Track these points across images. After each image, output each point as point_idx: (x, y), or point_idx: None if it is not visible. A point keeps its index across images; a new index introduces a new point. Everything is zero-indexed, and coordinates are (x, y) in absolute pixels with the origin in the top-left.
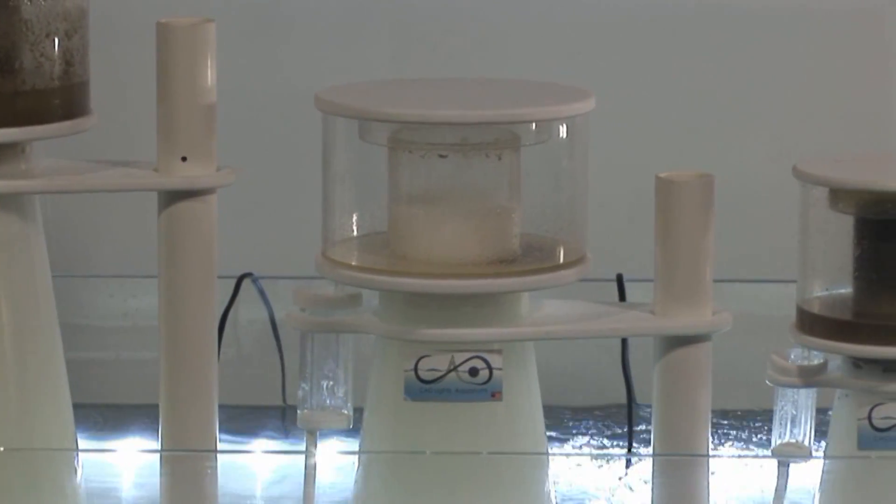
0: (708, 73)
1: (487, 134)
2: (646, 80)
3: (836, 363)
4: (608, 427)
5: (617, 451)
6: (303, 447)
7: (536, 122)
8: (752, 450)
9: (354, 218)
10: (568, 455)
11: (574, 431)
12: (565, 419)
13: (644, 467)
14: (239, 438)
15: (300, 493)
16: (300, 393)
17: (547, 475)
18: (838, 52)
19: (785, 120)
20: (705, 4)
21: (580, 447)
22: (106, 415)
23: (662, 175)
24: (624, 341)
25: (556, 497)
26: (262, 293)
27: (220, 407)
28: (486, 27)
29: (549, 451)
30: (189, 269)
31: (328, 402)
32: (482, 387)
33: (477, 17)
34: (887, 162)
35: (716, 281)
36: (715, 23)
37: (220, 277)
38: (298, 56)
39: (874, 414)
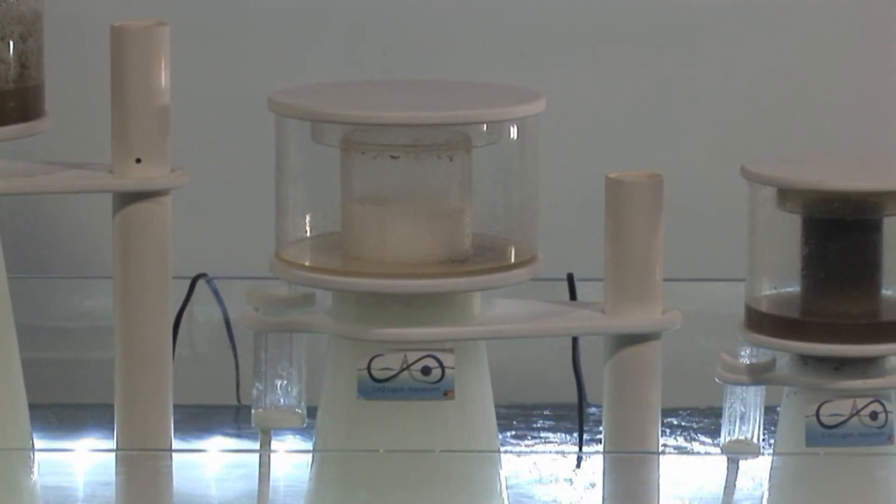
0: (656, 74)
1: (439, 135)
2: (595, 81)
3: (784, 361)
4: (559, 426)
5: (568, 449)
6: (257, 446)
7: (487, 123)
8: (702, 447)
9: (307, 218)
10: (520, 454)
11: (526, 430)
12: (517, 418)
13: (595, 465)
14: (194, 438)
15: (255, 491)
16: (254, 392)
17: (499, 473)
18: (784, 52)
19: (733, 120)
20: (651, 5)
21: (532, 446)
22: (61, 415)
23: (612, 175)
24: (575, 340)
25: (507, 495)
26: (216, 293)
27: (175, 406)
28: (438, 29)
29: (501, 449)
30: (144, 270)
31: (282, 401)
32: (435, 385)
33: (429, 20)
34: (834, 162)
35: (665, 280)
36: (661, 24)
37: (174, 278)
38: (252, 58)
39: (822, 411)
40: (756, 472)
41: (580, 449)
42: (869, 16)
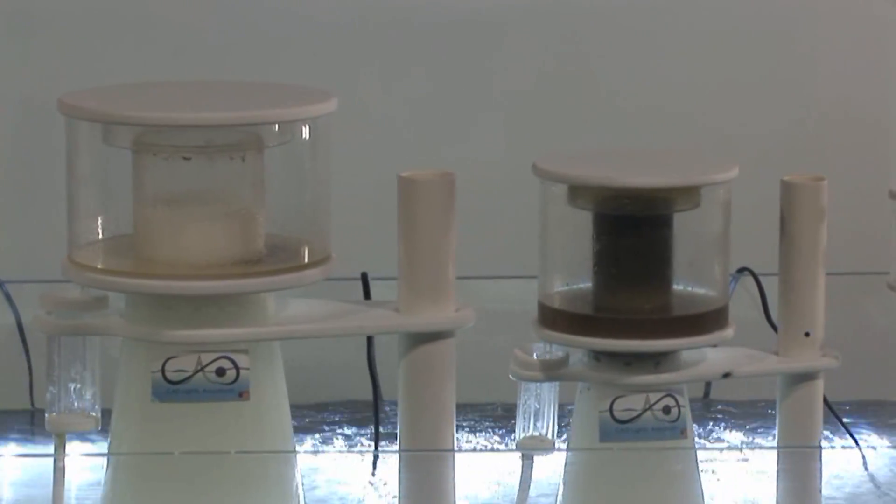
0: (448, 72)
1: (231, 136)
2: (387, 80)
3: (577, 357)
4: (355, 424)
5: (364, 448)
6: (51, 450)
7: (279, 123)
8: (497, 444)
9: (100, 221)
10: (315, 453)
11: (322, 429)
12: (313, 417)
13: (391, 464)
14: None
15: (49, 495)
16: (48, 396)
17: (295, 473)
18: (576, 48)
19: (525, 117)
20: (441, 6)
21: (328, 445)
22: None
23: (404, 174)
24: (370, 339)
25: (304, 495)
26: (8, 297)
27: None
28: (229, 30)
29: (297, 449)
30: None
31: (76, 404)
32: (229, 387)
33: (220, 20)
34: (624, 158)
35: (458, 278)
36: (453, 21)
37: None
38: (41, 60)
39: (615, 406)
40: (551, 468)
41: (376, 447)
42: (660, 13)
